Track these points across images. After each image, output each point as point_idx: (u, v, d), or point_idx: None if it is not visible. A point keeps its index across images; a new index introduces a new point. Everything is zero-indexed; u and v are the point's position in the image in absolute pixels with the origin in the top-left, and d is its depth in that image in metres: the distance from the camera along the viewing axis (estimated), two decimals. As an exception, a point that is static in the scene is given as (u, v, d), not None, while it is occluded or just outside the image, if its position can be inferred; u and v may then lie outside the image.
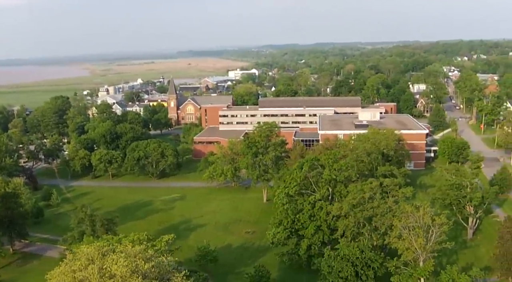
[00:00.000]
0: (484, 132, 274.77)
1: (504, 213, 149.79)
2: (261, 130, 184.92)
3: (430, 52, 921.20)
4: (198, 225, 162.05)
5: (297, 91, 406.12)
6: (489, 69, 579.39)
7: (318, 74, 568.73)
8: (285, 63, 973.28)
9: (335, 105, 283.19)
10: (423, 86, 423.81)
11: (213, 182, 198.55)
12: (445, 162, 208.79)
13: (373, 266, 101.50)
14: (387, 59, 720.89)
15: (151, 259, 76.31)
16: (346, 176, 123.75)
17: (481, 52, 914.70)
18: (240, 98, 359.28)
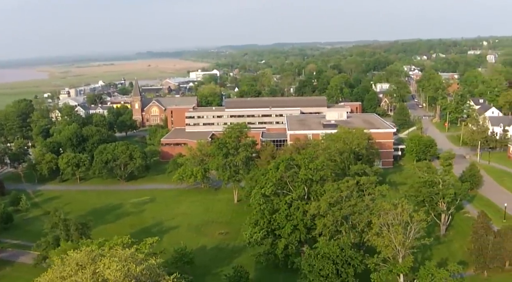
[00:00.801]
0: (448, 130, 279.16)
1: (474, 208, 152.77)
2: (231, 131, 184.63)
3: (390, 51, 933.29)
4: (171, 227, 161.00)
5: (260, 92, 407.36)
6: (449, 68, 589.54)
7: (280, 74, 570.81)
8: (246, 63, 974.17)
9: (301, 105, 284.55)
10: (386, 86, 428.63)
11: (183, 184, 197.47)
12: (413, 160, 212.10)
13: (353, 264, 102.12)
14: (348, 59, 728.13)
15: (141, 262, 75.42)
16: (321, 175, 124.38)
17: (440, 51, 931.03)
18: (204, 99, 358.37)
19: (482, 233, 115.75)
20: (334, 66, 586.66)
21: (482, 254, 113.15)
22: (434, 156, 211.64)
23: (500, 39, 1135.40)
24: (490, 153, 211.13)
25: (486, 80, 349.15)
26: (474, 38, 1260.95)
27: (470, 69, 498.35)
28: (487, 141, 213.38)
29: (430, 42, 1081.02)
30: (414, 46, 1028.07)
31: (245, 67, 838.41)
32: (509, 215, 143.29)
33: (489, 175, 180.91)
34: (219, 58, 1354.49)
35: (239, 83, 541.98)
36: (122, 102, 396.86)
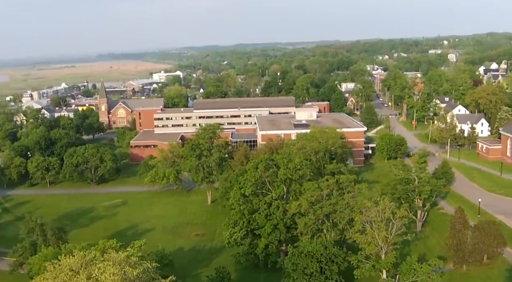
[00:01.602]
0: (415, 128, 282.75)
1: (448, 205, 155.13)
2: (204, 133, 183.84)
3: (353, 51, 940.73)
4: (146, 229, 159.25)
5: (227, 93, 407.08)
6: (412, 67, 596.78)
7: (245, 75, 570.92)
8: (208, 64, 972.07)
9: (270, 105, 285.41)
10: (351, 85, 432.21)
11: (155, 186, 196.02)
12: (383, 158, 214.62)
13: (336, 261, 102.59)
14: (311, 59, 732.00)
15: (136, 266, 74.31)
16: (301, 174, 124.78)
17: (402, 50, 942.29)
18: (171, 101, 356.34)
19: (460, 228, 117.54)
20: (299, 66, 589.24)
21: (461, 249, 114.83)
22: (405, 154, 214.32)
23: (460, 39, 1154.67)
24: (459, 150, 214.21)
25: (451, 79, 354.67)
26: (434, 37, 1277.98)
27: (433, 68, 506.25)
28: (456, 138, 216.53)
29: (391, 42, 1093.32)
30: (376, 46, 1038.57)
31: (208, 68, 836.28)
32: (483, 210, 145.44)
33: (460, 171, 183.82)
34: (181, 60, 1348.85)
35: (203, 84, 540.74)
36: (87, 105, 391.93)
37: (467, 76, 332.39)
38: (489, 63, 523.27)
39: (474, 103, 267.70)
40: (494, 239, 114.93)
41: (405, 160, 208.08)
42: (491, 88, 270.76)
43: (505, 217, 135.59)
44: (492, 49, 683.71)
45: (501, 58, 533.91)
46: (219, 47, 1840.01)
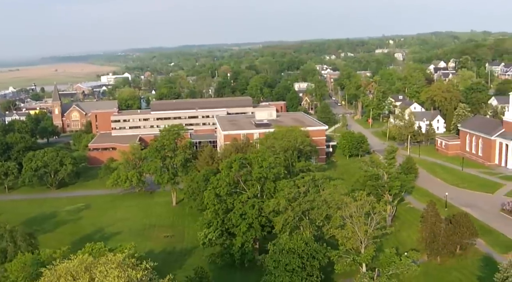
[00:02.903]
0: (372, 126, 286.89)
1: (415, 199, 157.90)
2: (168, 134, 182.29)
3: (300, 51, 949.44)
4: (113, 233, 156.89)
5: (180, 94, 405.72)
6: (360, 66, 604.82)
7: (195, 76, 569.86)
8: (156, 66, 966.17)
9: (227, 105, 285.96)
10: (303, 85, 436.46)
11: (117, 189, 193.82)
12: (345, 156, 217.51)
13: (317, 257, 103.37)
14: (260, 60, 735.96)
15: (136, 267, 73.09)
16: (275, 173, 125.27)
17: (348, 50, 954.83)
18: (124, 103, 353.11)
19: (433, 221, 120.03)
20: (249, 67, 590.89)
21: (435, 241, 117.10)
22: (366, 151, 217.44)
23: (405, 38, 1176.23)
24: (420, 146, 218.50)
25: (403, 77, 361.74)
26: (380, 37, 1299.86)
27: (382, 67, 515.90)
28: (414, 135, 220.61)
29: (338, 42, 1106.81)
30: (322, 46, 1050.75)
31: (156, 70, 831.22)
32: (449, 203, 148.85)
33: (422, 167, 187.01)
34: (127, 62, 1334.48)
35: (153, 86, 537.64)
36: (38, 108, 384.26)
37: (420, 75, 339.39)
38: (437, 62, 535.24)
39: (429, 100, 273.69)
40: (467, 230, 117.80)
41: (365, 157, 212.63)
42: (446, 85, 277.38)
43: (471, 209, 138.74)
44: (439, 48, 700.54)
45: (448, 56, 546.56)
46: (165, 48, 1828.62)
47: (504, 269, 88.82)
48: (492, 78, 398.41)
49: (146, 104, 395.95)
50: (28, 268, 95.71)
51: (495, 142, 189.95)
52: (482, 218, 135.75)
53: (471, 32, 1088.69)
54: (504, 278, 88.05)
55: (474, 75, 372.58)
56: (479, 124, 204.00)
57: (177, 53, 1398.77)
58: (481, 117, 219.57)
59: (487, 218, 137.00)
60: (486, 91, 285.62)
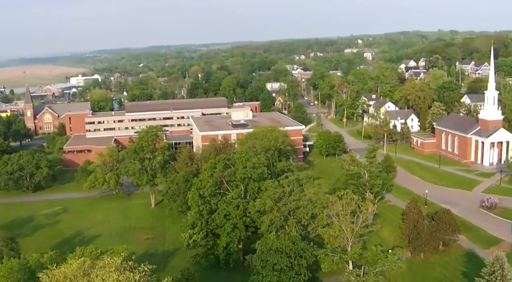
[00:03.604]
0: (346, 125, 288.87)
1: (394, 197, 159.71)
2: (147, 135, 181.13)
3: (270, 51, 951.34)
4: (92, 236, 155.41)
5: (152, 95, 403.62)
6: (331, 66, 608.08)
7: (166, 77, 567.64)
8: (125, 67, 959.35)
9: (202, 106, 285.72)
10: (275, 85, 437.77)
11: (95, 191, 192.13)
12: (322, 155, 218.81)
13: (304, 256, 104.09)
14: (231, 60, 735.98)
15: (134, 270, 72.60)
16: (259, 173, 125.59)
17: (318, 50, 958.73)
18: (96, 105, 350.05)
19: (416, 218, 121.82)
20: (221, 67, 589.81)
21: (419, 238, 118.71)
22: (343, 150, 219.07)
23: (373, 37, 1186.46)
24: (396, 145, 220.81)
25: (375, 76, 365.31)
26: (348, 37, 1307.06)
27: (353, 67, 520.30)
28: (390, 134, 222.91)
29: (307, 42, 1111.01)
30: (292, 46, 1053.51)
31: (126, 71, 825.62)
32: (428, 201, 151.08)
33: (400, 165, 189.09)
34: (95, 63, 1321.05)
35: (124, 87, 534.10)
36: (9, 111, 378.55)
37: (393, 74, 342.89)
38: (407, 61, 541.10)
39: (403, 99, 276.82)
40: (450, 227, 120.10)
41: (343, 156, 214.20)
42: (419, 84, 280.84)
43: (451, 206, 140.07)
44: (408, 48, 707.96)
45: (418, 56, 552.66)
46: (133, 49, 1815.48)
47: (491, 264, 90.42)
48: (463, 77, 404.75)
49: (119, 106, 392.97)
50: (16, 273, 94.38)
51: (471, 140, 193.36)
52: (462, 215, 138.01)
53: (438, 32, 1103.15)
54: (491, 273, 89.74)
55: (445, 74, 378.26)
56: (454, 123, 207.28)
57: (145, 54, 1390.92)
58: (456, 116, 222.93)
59: (467, 214, 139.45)
60: (458, 90, 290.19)
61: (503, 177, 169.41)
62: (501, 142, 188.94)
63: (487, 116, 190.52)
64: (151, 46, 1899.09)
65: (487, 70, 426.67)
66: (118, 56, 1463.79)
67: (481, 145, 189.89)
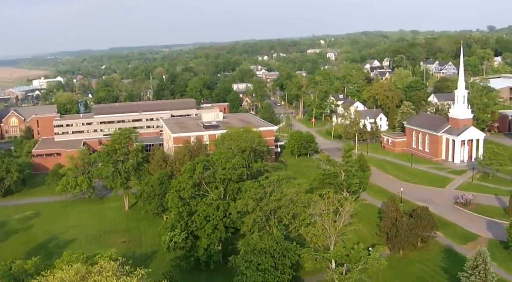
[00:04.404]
0: (315, 125, 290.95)
1: (369, 196, 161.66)
2: (120, 137, 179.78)
3: (234, 52, 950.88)
4: (67, 240, 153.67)
5: (118, 97, 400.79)
6: (295, 66, 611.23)
7: (130, 79, 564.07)
8: (87, 69, 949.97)
9: (171, 108, 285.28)
10: (242, 86, 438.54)
11: (66, 195, 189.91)
12: (294, 155, 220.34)
13: (288, 256, 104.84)
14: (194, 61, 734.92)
15: (130, 274, 72.18)
16: (238, 174, 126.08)
17: (281, 50, 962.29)
18: (62, 107, 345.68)
19: (394, 215, 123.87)
20: (186, 68, 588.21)
21: (398, 235, 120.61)
22: (314, 150, 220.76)
23: (335, 38, 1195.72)
24: (367, 144, 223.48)
25: (341, 76, 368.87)
26: (310, 37, 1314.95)
27: (317, 67, 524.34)
28: (360, 133, 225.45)
29: (270, 42, 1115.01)
30: (255, 47, 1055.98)
31: (89, 73, 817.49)
32: (404, 198, 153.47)
33: (372, 164, 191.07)
34: (57, 65, 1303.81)
35: (87, 90, 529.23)
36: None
37: (361, 74, 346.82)
38: (371, 61, 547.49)
39: (371, 99, 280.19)
40: (428, 224, 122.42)
41: (314, 156, 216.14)
42: (387, 84, 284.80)
43: (426, 204, 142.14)
44: (370, 48, 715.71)
45: (382, 56, 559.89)
46: (94, 51, 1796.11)
47: (474, 259, 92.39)
48: (428, 76, 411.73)
49: (84, 108, 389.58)
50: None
51: (441, 138, 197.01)
52: (438, 212, 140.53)
53: (400, 32, 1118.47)
54: (474, 267, 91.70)
55: (410, 73, 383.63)
56: (425, 121, 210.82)
57: (107, 55, 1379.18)
58: (427, 115, 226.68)
59: (442, 211, 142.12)
60: (425, 89, 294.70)
61: (475, 174, 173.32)
62: (471, 140, 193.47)
63: (458, 115, 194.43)
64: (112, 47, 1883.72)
65: (451, 69, 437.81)
66: (79, 58, 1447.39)
67: (452, 143, 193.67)
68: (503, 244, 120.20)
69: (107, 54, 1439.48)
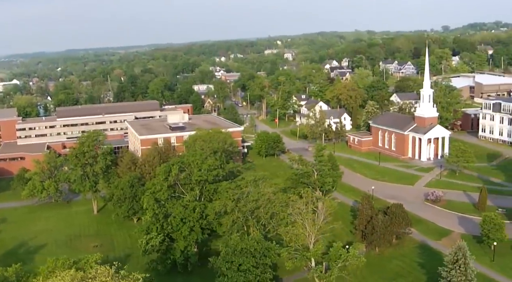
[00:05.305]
0: (278, 125, 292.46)
1: (340, 194, 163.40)
2: (87, 140, 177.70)
3: (191, 53, 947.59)
4: (37, 246, 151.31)
5: (78, 99, 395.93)
6: (254, 67, 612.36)
7: (89, 81, 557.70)
8: (43, 71, 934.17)
9: (134, 110, 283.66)
10: (202, 87, 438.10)
11: (33, 200, 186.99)
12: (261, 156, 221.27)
13: (269, 255, 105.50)
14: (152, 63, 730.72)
15: (125, 278, 71.58)
16: (214, 175, 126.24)
17: (238, 51, 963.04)
18: (22, 110, 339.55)
19: (368, 213, 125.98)
20: (145, 70, 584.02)
21: (374, 232, 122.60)
22: (281, 150, 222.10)
23: (292, 38, 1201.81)
24: (334, 143, 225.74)
25: (302, 77, 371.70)
26: (266, 38, 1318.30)
27: (276, 67, 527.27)
28: (326, 132, 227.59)
29: (227, 43, 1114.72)
30: (212, 48, 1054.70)
31: (46, 75, 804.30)
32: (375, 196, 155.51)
33: (340, 163, 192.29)
34: (12, 68, 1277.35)
35: (46, 92, 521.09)
36: None
37: (323, 74, 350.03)
38: (330, 61, 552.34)
39: (335, 99, 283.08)
40: (403, 220, 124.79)
41: (282, 157, 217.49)
42: (350, 84, 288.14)
43: (397, 201, 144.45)
44: (328, 48, 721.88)
45: (340, 56, 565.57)
46: (48, 53, 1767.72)
47: (454, 253, 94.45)
48: (387, 76, 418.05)
49: (44, 111, 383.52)
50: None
51: (408, 137, 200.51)
52: (409, 209, 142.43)
53: (355, 32, 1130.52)
54: (454, 261, 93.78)
55: (371, 73, 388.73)
56: (390, 120, 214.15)
57: (62, 57, 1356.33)
58: (392, 114, 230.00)
59: (413, 208, 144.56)
60: (386, 89, 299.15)
61: (442, 171, 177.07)
62: (437, 138, 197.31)
63: (424, 114, 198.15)
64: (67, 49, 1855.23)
65: (410, 69, 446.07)
66: (34, 61, 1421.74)
67: (418, 141, 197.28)
68: (476, 239, 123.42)
69: (63, 56, 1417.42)
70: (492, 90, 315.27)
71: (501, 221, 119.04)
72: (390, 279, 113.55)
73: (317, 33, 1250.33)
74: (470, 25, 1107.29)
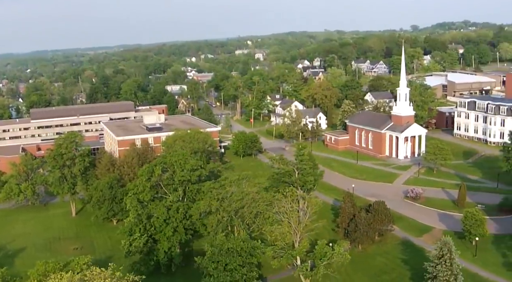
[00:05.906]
0: (253, 126, 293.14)
1: (320, 193, 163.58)
2: (65, 141, 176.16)
3: (161, 54, 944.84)
4: (16, 250, 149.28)
5: (51, 101, 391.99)
6: (225, 67, 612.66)
7: (60, 82, 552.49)
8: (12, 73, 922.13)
9: (109, 111, 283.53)
10: (175, 88, 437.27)
11: (9, 203, 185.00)
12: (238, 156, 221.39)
13: (255, 254, 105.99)
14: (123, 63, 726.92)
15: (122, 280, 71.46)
16: (197, 175, 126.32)
17: (208, 52, 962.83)
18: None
19: (351, 211, 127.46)
20: (116, 71, 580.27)
21: (357, 230, 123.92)
22: (258, 150, 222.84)
23: (262, 38, 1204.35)
24: (312, 142, 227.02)
25: (275, 77, 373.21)
26: (236, 38, 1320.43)
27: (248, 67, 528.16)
28: (302, 132, 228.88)
29: (197, 44, 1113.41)
30: (182, 48, 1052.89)
31: (15, 77, 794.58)
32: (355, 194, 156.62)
33: (318, 162, 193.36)
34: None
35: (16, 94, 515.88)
36: None
37: (298, 74, 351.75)
38: (302, 61, 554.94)
39: (310, 98, 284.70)
40: (385, 217, 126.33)
41: (259, 156, 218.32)
42: (325, 84, 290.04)
43: (377, 199, 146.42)
44: (299, 48, 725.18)
45: (311, 56, 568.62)
46: (15, 55, 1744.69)
47: (439, 249, 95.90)
48: (360, 75, 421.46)
49: (16, 113, 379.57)
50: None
51: (385, 135, 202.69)
52: (390, 206, 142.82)
53: (325, 32, 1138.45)
54: (440, 256, 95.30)
55: (344, 73, 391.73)
56: (367, 119, 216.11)
57: (31, 59, 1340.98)
58: (369, 113, 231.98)
59: (394, 205, 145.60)
60: (360, 88, 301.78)
61: (420, 168, 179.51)
62: (414, 136, 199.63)
63: (400, 112, 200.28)
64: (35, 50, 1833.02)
65: (382, 68, 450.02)
66: (2, 62, 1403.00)
67: (396, 140, 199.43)
68: (457, 234, 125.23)
69: (31, 58, 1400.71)
70: (465, 89, 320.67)
71: (482, 217, 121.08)
72: (375, 275, 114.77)
73: (287, 33, 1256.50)
74: (439, 24, 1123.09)
